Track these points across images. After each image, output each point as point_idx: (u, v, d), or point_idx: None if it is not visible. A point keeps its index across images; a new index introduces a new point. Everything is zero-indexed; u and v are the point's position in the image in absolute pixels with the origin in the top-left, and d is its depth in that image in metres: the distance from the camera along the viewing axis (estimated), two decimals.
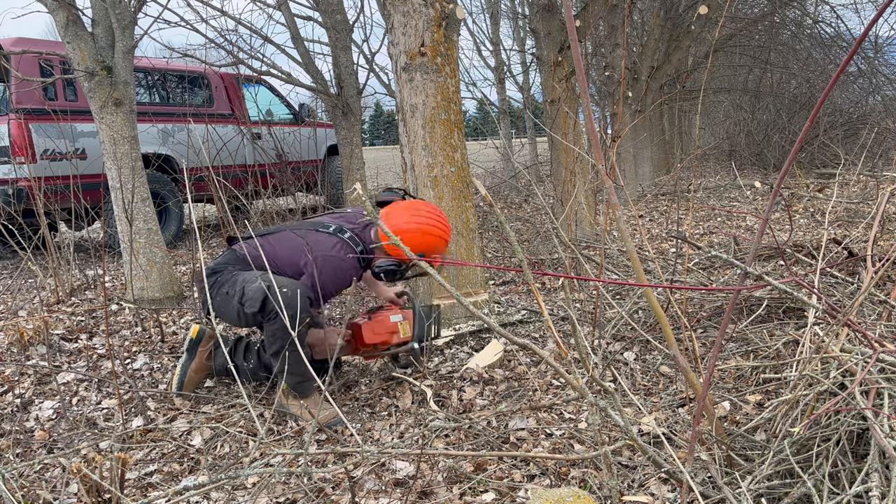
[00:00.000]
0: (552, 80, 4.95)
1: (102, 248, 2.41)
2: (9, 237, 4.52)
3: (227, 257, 2.59)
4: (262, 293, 2.32)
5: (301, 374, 2.41)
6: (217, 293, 2.47)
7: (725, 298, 3.18)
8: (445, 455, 2.04)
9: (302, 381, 2.44)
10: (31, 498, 1.96)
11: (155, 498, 1.53)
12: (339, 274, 2.48)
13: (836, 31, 9.04)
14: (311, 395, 2.47)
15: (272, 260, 2.45)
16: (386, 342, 2.69)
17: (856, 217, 5.36)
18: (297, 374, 2.41)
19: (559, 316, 3.46)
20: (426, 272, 2.46)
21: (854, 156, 8.39)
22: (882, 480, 1.39)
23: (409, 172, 3.35)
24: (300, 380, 2.44)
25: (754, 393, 2.35)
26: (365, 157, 6.40)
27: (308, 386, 2.46)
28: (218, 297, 2.46)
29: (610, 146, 2.80)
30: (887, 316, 2.43)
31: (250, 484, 2.05)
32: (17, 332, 3.20)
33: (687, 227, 4.84)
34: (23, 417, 2.55)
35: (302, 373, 2.40)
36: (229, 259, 2.57)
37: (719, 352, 2.28)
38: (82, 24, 3.67)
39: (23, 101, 5.62)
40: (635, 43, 8.64)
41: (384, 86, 7.11)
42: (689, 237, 4.74)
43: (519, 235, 5.79)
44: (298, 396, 2.45)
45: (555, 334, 1.56)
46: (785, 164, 1.32)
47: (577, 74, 1.59)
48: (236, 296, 2.41)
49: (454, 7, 3.24)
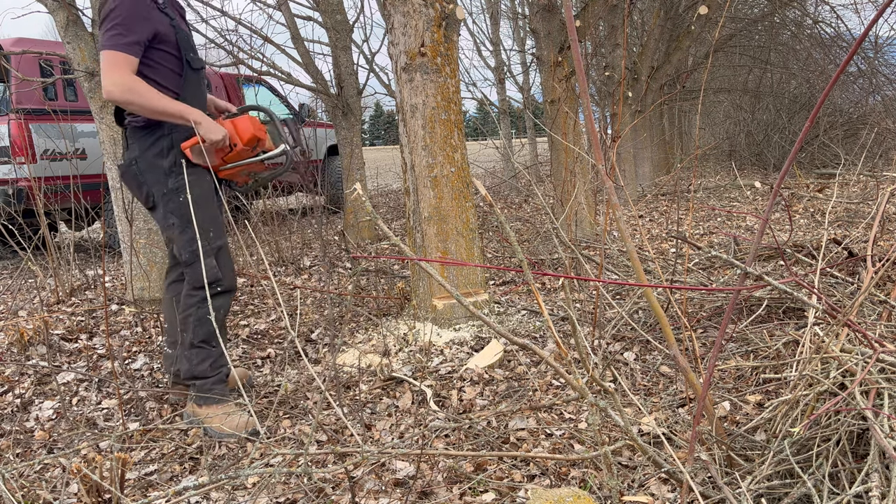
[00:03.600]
0: (552, 80, 4.95)
1: (102, 248, 2.41)
2: (9, 237, 4.52)
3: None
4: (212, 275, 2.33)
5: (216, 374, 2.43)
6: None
7: (725, 298, 3.18)
8: (445, 455, 2.05)
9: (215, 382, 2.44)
10: (31, 498, 1.96)
11: (155, 498, 1.53)
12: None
13: (836, 31, 9.04)
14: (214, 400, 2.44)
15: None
16: (262, 139, 2.50)
17: (856, 217, 5.36)
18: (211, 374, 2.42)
19: (559, 316, 3.46)
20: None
21: (854, 156, 8.39)
22: (882, 480, 1.39)
23: (409, 172, 3.35)
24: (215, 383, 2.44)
25: (754, 393, 2.35)
26: (365, 157, 6.40)
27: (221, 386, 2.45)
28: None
29: (610, 146, 2.80)
30: (887, 316, 2.43)
31: (250, 484, 2.05)
32: (17, 332, 3.20)
33: (687, 227, 4.84)
34: (23, 417, 2.55)
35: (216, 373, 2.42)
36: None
37: (719, 352, 2.28)
38: (82, 24, 3.67)
39: (23, 101, 5.62)
40: (635, 43, 8.64)
41: (384, 86, 7.11)
42: (689, 237, 4.73)
43: (519, 235, 5.79)
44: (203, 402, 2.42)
45: (555, 334, 1.56)
46: (785, 164, 1.32)
47: (577, 74, 1.59)
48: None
49: (454, 7, 3.24)
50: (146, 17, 2.25)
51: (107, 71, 2.20)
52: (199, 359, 2.39)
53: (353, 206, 6.27)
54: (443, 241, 3.31)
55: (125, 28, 2.22)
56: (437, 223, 3.29)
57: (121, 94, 2.20)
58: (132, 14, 2.23)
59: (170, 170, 2.33)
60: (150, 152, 2.33)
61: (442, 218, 3.29)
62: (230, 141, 2.42)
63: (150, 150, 2.33)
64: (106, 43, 2.21)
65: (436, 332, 3.24)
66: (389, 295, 3.73)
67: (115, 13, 2.22)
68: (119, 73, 2.19)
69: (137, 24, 2.23)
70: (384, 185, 12.21)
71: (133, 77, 2.22)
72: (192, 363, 2.39)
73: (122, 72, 2.20)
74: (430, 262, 2.03)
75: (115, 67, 2.19)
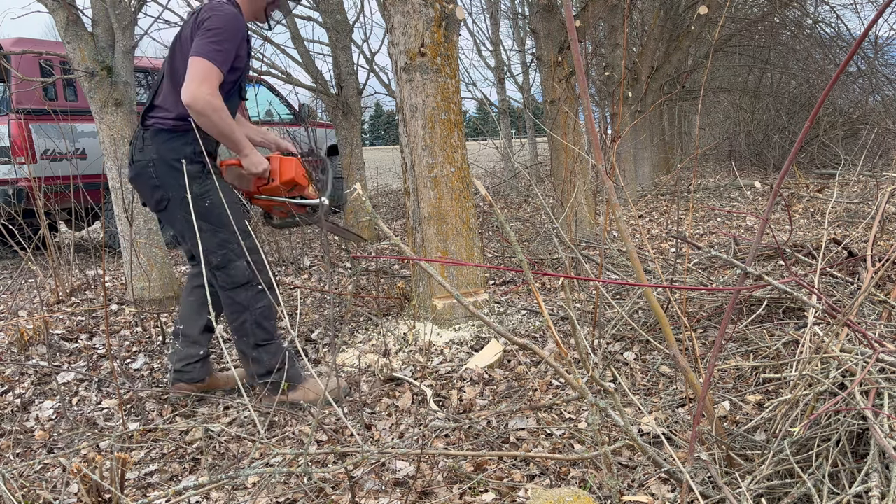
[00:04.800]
0: (552, 80, 4.95)
1: (102, 248, 2.41)
2: (9, 237, 4.52)
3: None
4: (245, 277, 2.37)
5: (293, 364, 2.50)
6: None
7: (725, 298, 3.18)
8: (445, 455, 2.05)
9: (295, 370, 2.52)
10: (31, 498, 1.96)
11: (155, 498, 1.53)
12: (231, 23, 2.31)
13: (836, 31, 9.04)
14: (306, 378, 2.53)
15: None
16: (301, 185, 2.60)
17: (856, 217, 5.36)
18: (290, 365, 2.50)
19: (559, 316, 3.46)
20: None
21: (854, 156, 8.38)
22: (882, 480, 1.39)
23: (409, 172, 3.35)
24: (295, 371, 2.52)
25: (754, 393, 2.35)
26: (365, 157, 6.40)
27: (300, 373, 2.53)
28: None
29: (610, 146, 2.80)
30: (887, 316, 2.43)
31: (250, 484, 2.05)
32: (17, 332, 3.20)
33: (687, 227, 4.84)
34: (23, 417, 2.55)
35: (293, 363, 2.49)
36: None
37: (719, 352, 2.28)
38: (82, 24, 3.67)
39: (23, 101, 5.62)
40: (635, 43, 8.64)
41: (384, 86, 7.11)
42: (689, 237, 4.73)
43: (519, 235, 5.79)
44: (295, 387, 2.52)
45: (555, 334, 1.56)
46: (785, 164, 1.32)
47: (577, 74, 1.59)
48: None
49: (454, 7, 3.24)
50: (239, 38, 2.32)
51: (197, 80, 2.21)
52: (269, 355, 2.47)
53: (353, 205, 6.27)
54: (443, 241, 3.31)
55: (223, 41, 2.25)
56: (437, 223, 3.29)
57: (202, 108, 2.22)
58: (232, 30, 2.28)
59: (196, 174, 2.34)
60: (172, 155, 2.33)
61: (442, 218, 3.29)
62: (269, 175, 2.51)
63: (171, 154, 2.34)
64: (202, 51, 2.23)
65: (436, 332, 3.24)
66: (389, 295, 3.73)
67: (216, 22, 2.26)
68: (209, 86, 2.22)
69: (232, 42, 2.28)
70: (384, 185, 12.21)
71: (219, 95, 2.26)
72: (263, 362, 2.47)
73: (212, 86, 2.23)
74: (430, 262, 2.03)
75: (207, 80, 2.22)
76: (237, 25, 2.30)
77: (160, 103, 2.39)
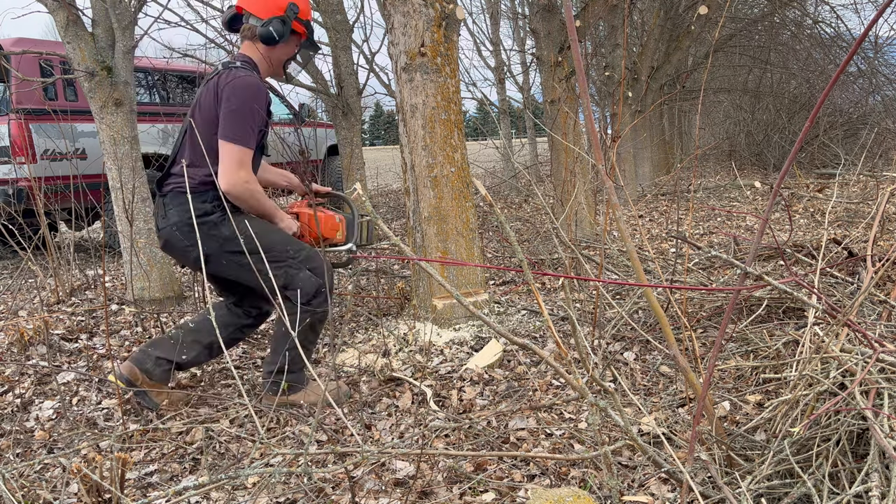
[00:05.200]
0: (552, 80, 4.95)
1: (102, 248, 2.41)
2: (9, 237, 4.52)
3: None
4: (313, 286, 2.39)
5: (300, 367, 2.48)
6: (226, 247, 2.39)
7: (725, 298, 3.18)
8: (445, 455, 2.05)
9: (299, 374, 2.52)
10: (31, 498, 1.96)
11: (155, 498, 1.53)
12: (253, 95, 2.34)
13: (836, 31, 9.04)
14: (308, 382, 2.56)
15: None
16: (330, 238, 2.69)
17: (856, 217, 5.36)
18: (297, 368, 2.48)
19: (559, 316, 3.46)
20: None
21: (854, 156, 8.38)
22: (882, 480, 1.39)
23: (409, 172, 3.35)
24: (299, 374, 2.51)
25: (754, 393, 2.35)
26: (365, 157, 6.40)
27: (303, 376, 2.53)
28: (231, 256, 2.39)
29: (610, 146, 2.80)
30: (887, 316, 2.43)
31: (250, 484, 2.05)
32: (17, 332, 3.20)
33: (687, 227, 4.84)
34: (23, 417, 2.55)
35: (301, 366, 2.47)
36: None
37: (719, 352, 2.28)
38: (82, 24, 3.67)
39: (23, 101, 5.62)
40: (635, 43, 8.64)
41: (384, 86, 7.10)
42: (689, 237, 4.73)
43: (519, 235, 5.79)
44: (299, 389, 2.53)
45: (555, 334, 1.56)
46: (785, 164, 1.32)
47: (577, 74, 1.59)
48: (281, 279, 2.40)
49: (454, 7, 3.24)
50: (263, 107, 2.36)
51: (233, 167, 2.29)
52: (290, 356, 2.47)
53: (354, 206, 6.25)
54: (443, 241, 3.31)
55: (248, 118, 2.30)
56: (437, 223, 3.29)
57: (240, 194, 2.33)
58: (255, 104, 2.32)
59: (220, 220, 2.37)
60: (194, 214, 2.33)
61: (442, 218, 3.29)
62: (300, 231, 2.61)
63: (193, 213, 2.35)
64: (230, 134, 2.28)
65: (436, 332, 3.24)
66: (389, 295, 3.73)
67: (239, 100, 2.29)
68: (245, 172, 2.30)
69: (257, 115, 2.33)
70: (384, 185, 12.20)
71: (254, 178, 2.34)
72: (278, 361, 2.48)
73: (248, 171, 2.31)
74: (430, 262, 2.03)
75: (242, 166, 2.30)
76: (259, 96, 2.34)
77: (177, 171, 2.42)
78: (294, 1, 2.46)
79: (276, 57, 2.53)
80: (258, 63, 2.49)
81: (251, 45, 2.47)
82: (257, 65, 2.48)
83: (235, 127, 2.28)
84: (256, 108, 2.32)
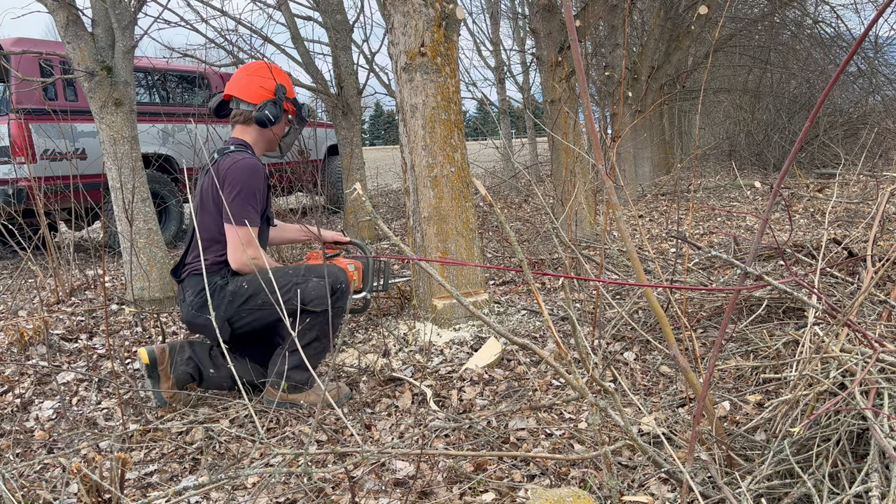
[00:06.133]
0: (552, 80, 4.95)
1: (102, 248, 2.42)
2: (9, 237, 4.52)
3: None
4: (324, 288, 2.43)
5: (306, 370, 2.48)
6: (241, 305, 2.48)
7: (725, 298, 3.18)
8: (445, 455, 2.05)
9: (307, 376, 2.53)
10: (31, 498, 1.96)
11: (155, 498, 1.53)
12: (253, 174, 2.45)
13: (836, 31, 9.05)
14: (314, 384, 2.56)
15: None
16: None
17: (856, 217, 5.36)
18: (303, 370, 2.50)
19: (559, 316, 3.46)
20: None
21: (854, 156, 8.38)
22: (882, 480, 1.39)
23: (409, 172, 3.35)
24: (307, 376, 2.52)
25: (754, 393, 2.35)
26: (365, 157, 6.40)
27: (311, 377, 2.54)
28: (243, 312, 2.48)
29: (610, 146, 2.80)
30: (887, 316, 2.43)
31: (250, 484, 2.05)
32: (17, 332, 3.20)
33: (687, 227, 4.84)
34: (23, 417, 2.55)
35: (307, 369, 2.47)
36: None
37: (719, 352, 2.28)
38: (82, 24, 3.67)
39: (23, 101, 5.62)
40: (635, 43, 8.64)
41: (384, 86, 7.11)
42: (689, 237, 4.73)
43: (519, 235, 5.79)
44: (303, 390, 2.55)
45: (555, 334, 1.56)
46: (785, 164, 1.32)
47: (577, 74, 1.59)
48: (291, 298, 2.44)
49: (454, 7, 3.24)
50: (263, 186, 2.47)
51: (239, 248, 2.41)
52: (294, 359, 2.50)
53: (353, 205, 6.27)
54: (443, 241, 3.31)
55: (249, 198, 2.42)
56: (437, 223, 3.29)
57: (249, 271, 2.45)
58: (255, 184, 2.43)
59: (222, 284, 2.47)
60: (208, 291, 2.38)
61: (442, 218, 3.29)
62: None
63: (205, 291, 2.44)
64: (235, 217, 2.39)
65: (436, 332, 3.24)
66: (389, 295, 3.73)
67: (239, 182, 2.41)
68: (253, 249, 2.41)
69: (257, 195, 2.45)
70: (384, 185, 12.20)
71: (262, 255, 2.43)
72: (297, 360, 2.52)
73: (255, 249, 2.41)
74: (430, 262, 2.03)
75: (251, 245, 2.41)
76: (257, 175, 2.45)
77: (191, 261, 2.52)
78: (280, 83, 2.61)
79: (269, 136, 2.64)
80: (253, 144, 2.61)
81: (244, 128, 2.61)
82: (252, 146, 2.60)
83: (239, 209, 2.40)
84: (257, 187, 2.44)
